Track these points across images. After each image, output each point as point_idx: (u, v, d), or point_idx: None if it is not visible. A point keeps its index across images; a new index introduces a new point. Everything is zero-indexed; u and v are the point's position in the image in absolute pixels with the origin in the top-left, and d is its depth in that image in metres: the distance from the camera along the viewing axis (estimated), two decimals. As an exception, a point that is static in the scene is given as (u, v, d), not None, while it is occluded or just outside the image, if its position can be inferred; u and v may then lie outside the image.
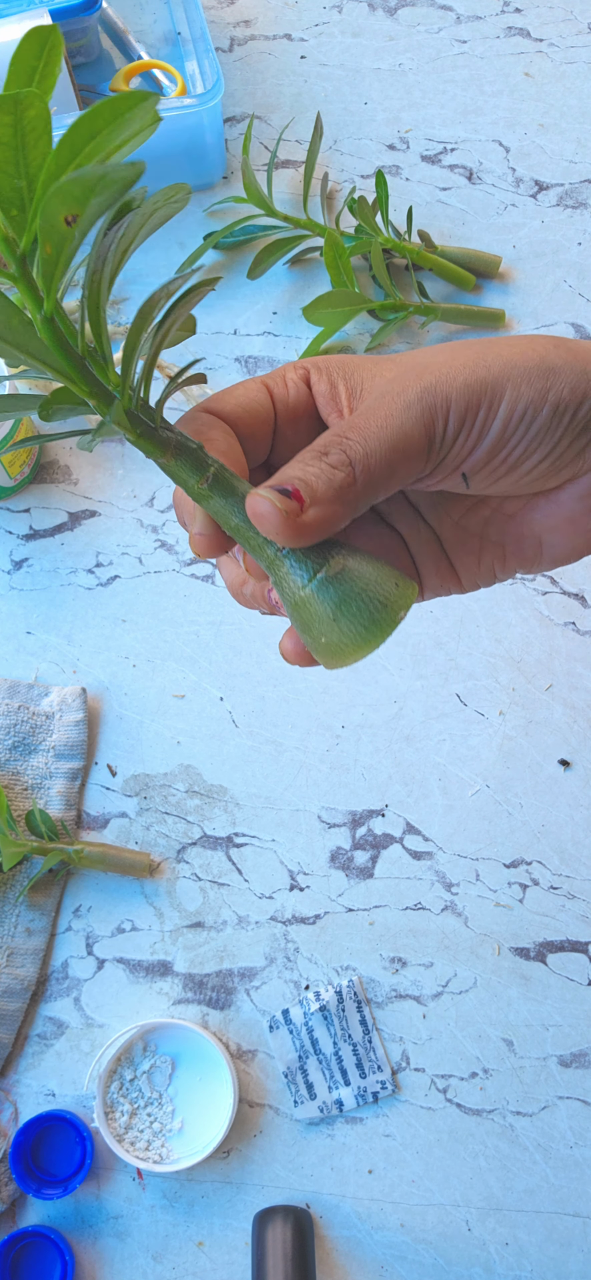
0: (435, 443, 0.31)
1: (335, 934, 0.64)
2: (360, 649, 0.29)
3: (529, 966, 0.63)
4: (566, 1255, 0.59)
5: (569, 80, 0.87)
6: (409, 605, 0.29)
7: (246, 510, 0.29)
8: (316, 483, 0.29)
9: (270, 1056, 0.62)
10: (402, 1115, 0.61)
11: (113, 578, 0.72)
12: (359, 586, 0.29)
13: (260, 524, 0.29)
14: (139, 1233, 0.60)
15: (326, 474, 0.29)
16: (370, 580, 0.29)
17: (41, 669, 0.70)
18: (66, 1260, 0.58)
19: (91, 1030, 0.63)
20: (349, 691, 0.68)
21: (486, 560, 0.37)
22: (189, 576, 0.71)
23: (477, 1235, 0.60)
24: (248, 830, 0.66)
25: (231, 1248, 0.60)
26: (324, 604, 0.29)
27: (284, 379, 0.34)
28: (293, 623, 0.30)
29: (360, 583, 0.29)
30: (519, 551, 0.37)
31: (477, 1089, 0.61)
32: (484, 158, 0.84)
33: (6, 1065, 0.62)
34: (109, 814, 0.66)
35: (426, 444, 0.31)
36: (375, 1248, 0.60)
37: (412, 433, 0.31)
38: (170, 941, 0.64)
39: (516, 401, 0.31)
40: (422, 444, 0.31)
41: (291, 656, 0.32)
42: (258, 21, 0.91)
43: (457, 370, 0.31)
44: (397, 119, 0.86)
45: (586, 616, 0.70)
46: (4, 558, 0.72)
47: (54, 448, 0.75)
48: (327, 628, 0.29)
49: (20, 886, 0.64)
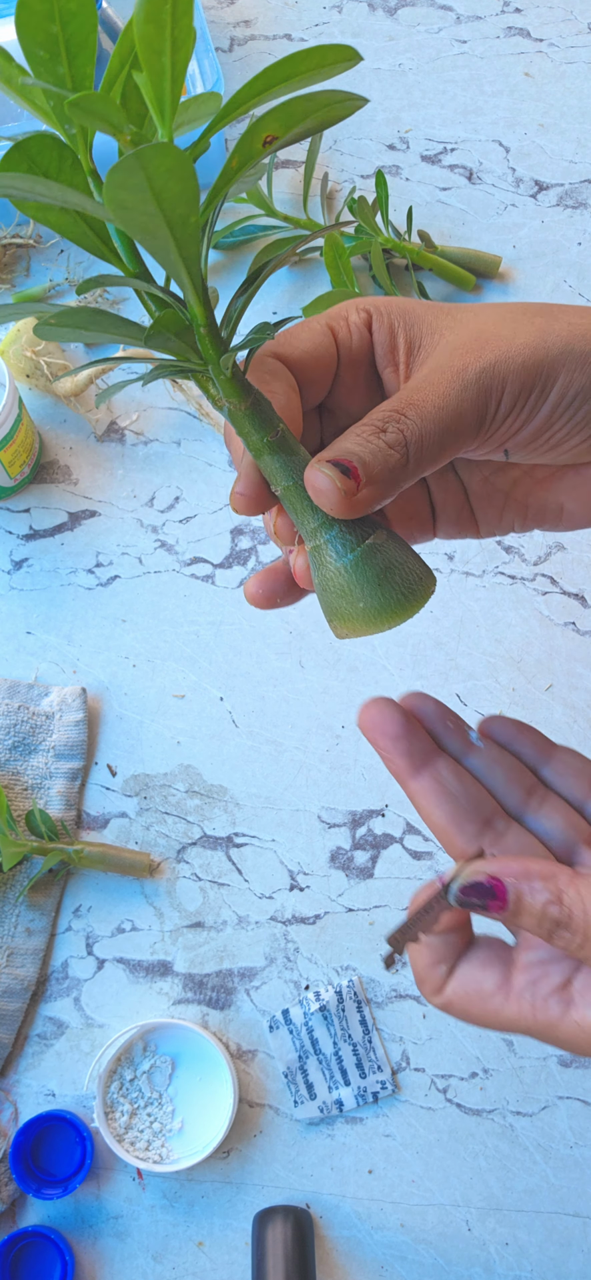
0: (486, 423, 0.32)
1: (335, 934, 0.64)
2: (398, 615, 0.31)
3: (529, 966, 0.63)
4: (566, 1255, 0.59)
5: (569, 80, 0.87)
6: (434, 587, 0.32)
7: (305, 481, 0.30)
8: (373, 462, 0.30)
9: (270, 1056, 0.62)
10: (402, 1115, 0.61)
11: (113, 578, 0.72)
12: (399, 560, 0.31)
13: (317, 496, 0.30)
14: (139, 1233, 0.60)
15: (382, 454, 0.30)
16: (406, 558, 0.32)
17: (41, 669, 0.70)
18: (66, 1260, 0.58)
19: (91, 1030, 0.63)
20: (349, 691, 0.68)
21: (508, 516, 0.39)
22: (189, 577, 0.71)
23: (477, 1235, 0.60)
24: (248, 830, 0.66)
25: (231, 1248, 0.60)
26: (366, 573, 0.31)
27: (347, 322, 0.35)
28: (323, 589, 0.32)
29: (399, 557, 0.31)
30: (540, 513, 0.38)
31: (477, 1089, 0.61)
32: (484, 158, 0.84)
33: (6, 1065, 0.62)
34: (109, 814, 0.66)
35: (478, 425, 0.32)
36: (375, 1248, 0.60)
37: (467, 415, 0.31)
38: (170, 941, 0.64)
39: (567, 388, 0.32)
40: (474, 425, 0.32)
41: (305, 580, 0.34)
42: (257, 21, 0.91)
43: (517, 350, 0.32)
44: (397, 119, 0.86)
45: (586, 616, 0.70)
46: (4, 558, 0.72)
47: (54, 448, 0.75)
48: (369, 594, 0.31)
49: (20, 886, 0.64)
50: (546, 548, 0.71)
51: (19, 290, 0.79)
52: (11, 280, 0.80)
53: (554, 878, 0.31)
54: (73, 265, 0.80)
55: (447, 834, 0.35)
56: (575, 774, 0.37)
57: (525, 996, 0.33)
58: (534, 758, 0.38)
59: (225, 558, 0.72)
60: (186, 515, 0.73)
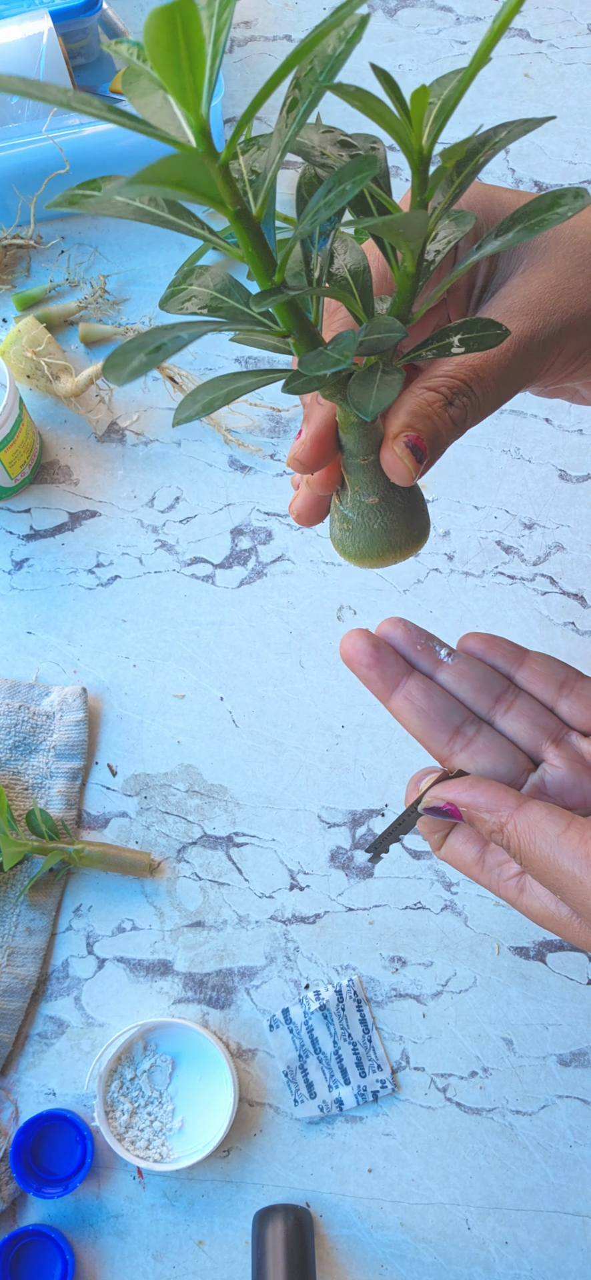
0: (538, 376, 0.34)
1: (335, 933, 0.64)
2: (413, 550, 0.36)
3: (528, 966, 0.63)
4: (566, 1254, 0.59)
5: (568, 81, 0.87)
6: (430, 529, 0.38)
7: (381, 460, 0.33)
8: (438, 434, 0.33)
9: (270, 1056, 0.62)
10: (402, 1114, 0.61)
11: (113, 578, 0.72)
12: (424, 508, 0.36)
13: (391, 473, 0.33)
14: (139, 1231, 0.60)
15: (447, 428, 0.33)
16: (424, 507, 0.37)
17: (42, 669, 0.70)
18: (67, 1259, 0.58)
19: (92, 1029, 0.63)
20: (349, 691, 0.68)
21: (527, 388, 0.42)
22: (189, 577, 0.72)
23: (477, 1234, 0.60)
24: (248, 830, 0.66)
25: (231, 1246, 0.60)
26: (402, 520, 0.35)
27: None
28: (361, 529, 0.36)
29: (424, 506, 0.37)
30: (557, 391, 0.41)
31: (477, 1088, 0.62)
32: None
33: (7, 1064, 0.62)
34: (109, 813, 0.67)
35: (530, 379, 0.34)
36: (375, 1246, 0.60)
37: (522, 376, 0.33)
38: (170, 941, 0.64)
39: None
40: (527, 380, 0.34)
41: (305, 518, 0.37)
42: (257, 23, 0.91)
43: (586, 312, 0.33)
44: (397, 120, 0.86)
45: (586, 616, 0.70)
46: (5, 558, 0.72)
47: (54, 448, 0.75)
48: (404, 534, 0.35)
49: (21, 886, 0.64)
50: (546, 548, 0.71)
51: (19, 291, 0.79)
52: (12, 281, 0.80)
53: (497, 810, 0.37)
54: (73, 266, 0.80)
55: (424, 742, 0.41)
56: (544, 678, 0.42)
57: (492, 873, 0.41)
58: (507, 667, 0.43)
59: (225, 558, 0.72)
60: (187, 515, 0.73)
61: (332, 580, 0.71)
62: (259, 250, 0.27)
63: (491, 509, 0.73)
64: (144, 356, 0.25)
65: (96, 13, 0.84)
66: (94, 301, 0.78)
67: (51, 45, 0.78)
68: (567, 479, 0.73)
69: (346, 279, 0.32)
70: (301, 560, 0.72)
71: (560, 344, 0.33)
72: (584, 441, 0.74)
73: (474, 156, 0.29)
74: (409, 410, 0.32)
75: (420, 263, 0.29)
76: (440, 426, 0.32)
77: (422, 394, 0.33)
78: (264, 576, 0.71)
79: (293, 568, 0.72)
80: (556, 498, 0.73)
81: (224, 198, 0.25)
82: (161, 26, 0.20)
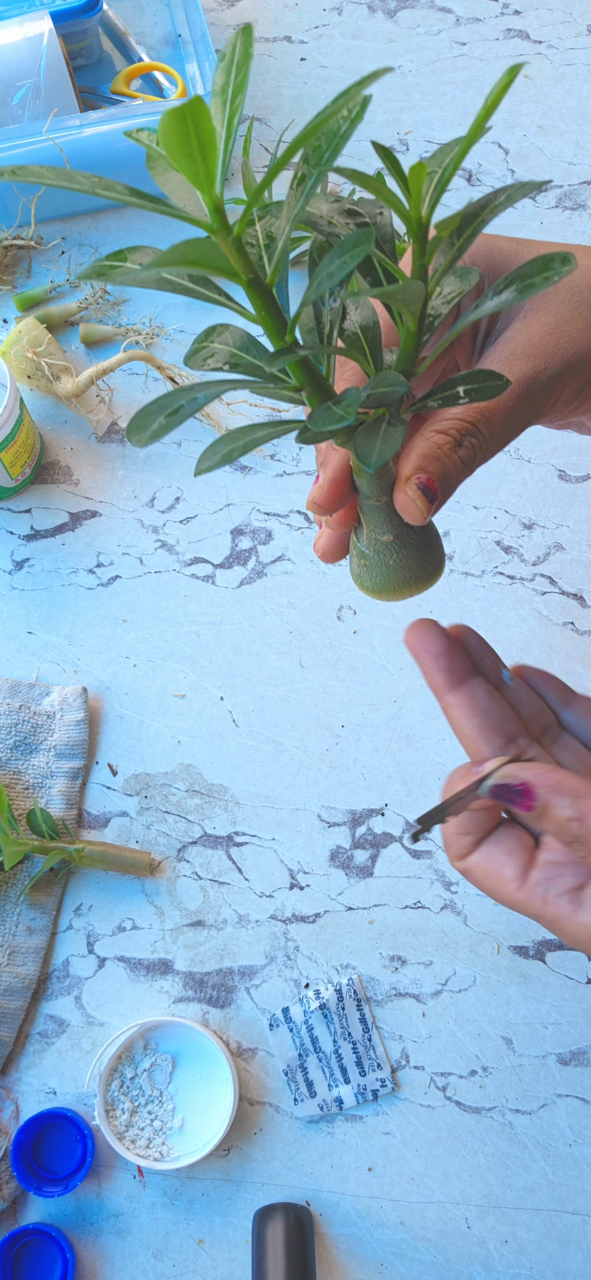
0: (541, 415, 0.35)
1: (335, 932, 0.64)
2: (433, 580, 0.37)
3: (528, 965, 0.63)
4: (565, 1253, 0.59)
5: (567, 82, 0.88)
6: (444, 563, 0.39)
7: (394, 500, 0.35)
8: (448, 476, 0.34)
9: (270, 1054, 0.62)
10: (402, 1113, 0.61)
11: (113, 578, 0.72)
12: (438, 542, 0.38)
13: (404, 513, 0.34)
14: (139, 1230, 0.60)
15: (456, 469, 0.34)
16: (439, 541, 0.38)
17: (42, 669, 0.70)
18: (67, 1258, 0.58)
19: (92, 1028, 0.63)
20: (349, 691, 0.69)
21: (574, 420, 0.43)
22: (189, 577, 0.72)
23: (477, 1233, 0.60)
24: (248, 829, 0.66)
25: (232, 1245, 0.60)
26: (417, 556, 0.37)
27: None
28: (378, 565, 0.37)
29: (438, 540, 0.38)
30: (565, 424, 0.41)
31: (477, 1087, 0.62)
32: (483, 159, 0.84)
33: (8, 1063, 0.63)
34: (110, 813, 0.67)
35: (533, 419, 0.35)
36: (375, 1245, 0.60)
37: (527, 416, 0.35)
38: (171, 940, 0.64)
39: None
40: (531, 421, 0.35)
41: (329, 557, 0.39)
42: (258, 23, 0.91)
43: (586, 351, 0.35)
44: (397, 120, 0.86)
45: (585, 616, 0.70)
46: (5, 558, 0.73)
47: (55, 448, 0.75)
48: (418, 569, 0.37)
49: (21, 885, 0.64)
50: (545, 548, 0.72)
51: (20, 292, 0.79)
52: (12, 281, 0.80)
53: (582, 797, 0.35)
54: (73, 266, 0.81)
55: (476, 744, 0.39)
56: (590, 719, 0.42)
57: (538, 889, 0.38)
58: (556, 702, 0.42)
59: (225, 558, 0.72)
60: (187, 516, 0.73)
61: (332, 580, 0.71)
62: (271, 314, 0.29)
63: (491, 509, 0.73)
64: (163, 419, 0.28)
65: (97, 13, 0.85)
66: (94, 302, 0.78)
67: (52, 46, 0.78)
68: (567, 479, 0.73)
69: (357, 334, 0.34)
70: (301, 560, 0.72)
71: (561, 383, 0.34)
72: (583, 442, 0.75)
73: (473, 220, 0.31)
74: (420, 453, 0.34)
75: (422, 321, 0.31)
76: (450, 467, 0.34)
77: (433, 437, 0.34)
78: (264, 576, 0.71)
79: (293, 568, 0.72)
80: (556, 498, 0.73)
81: (237, 269, 0.27)
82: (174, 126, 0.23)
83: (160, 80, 0.87)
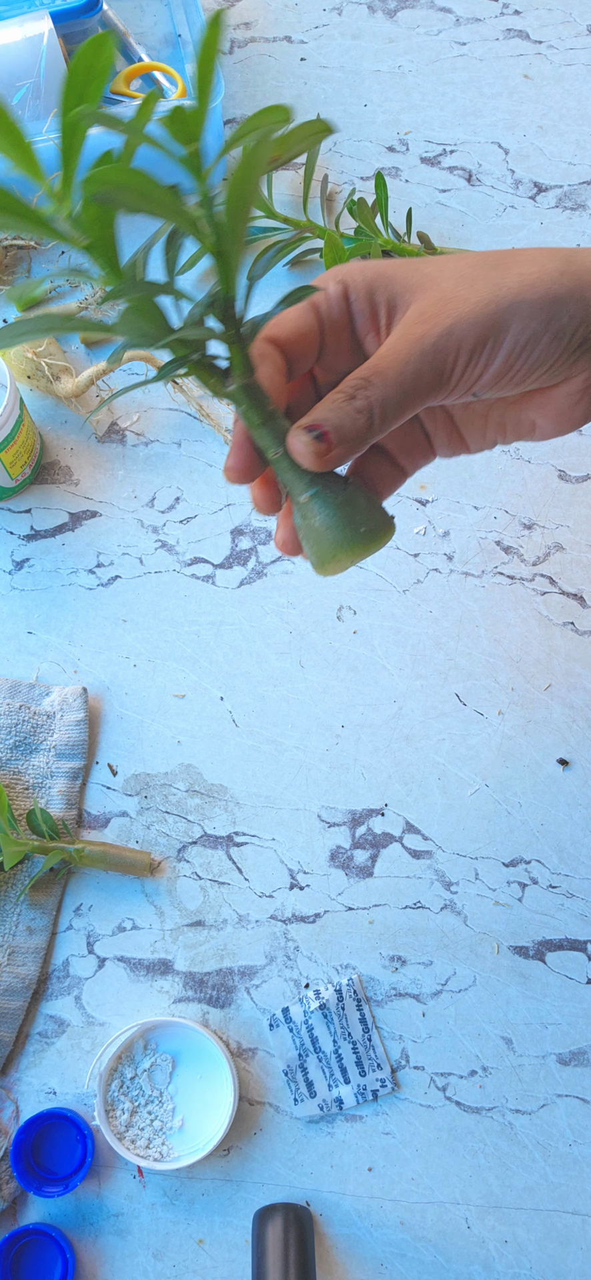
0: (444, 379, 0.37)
1: (335, 933, 0.64)
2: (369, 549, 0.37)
3: (528, 965, 0.63)
4: (565, 1253, 0.59)
5: (567, 82, 0.88)
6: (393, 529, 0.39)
7: (287, 445, 0.36)
8: (342, 424, 0.35)
9: (270, 1055, 0.62)
10: (402, 1113, 0.61)
11: (113, 578, 0.72)
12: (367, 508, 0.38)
13: (297, 457, 0.36)
14: (139, 1230, 0.60)
15: (351, 418, 0.36)
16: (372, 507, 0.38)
17: (42, 669, 0.70)
18: (67, 1258, 0.58)
19: (92, 1028, 0.63)
20: (349, 691, 0.69)
21: (490, 434, 0.44)
22: (189, 577, 0.72)
23: (477, 1233, 0.60)
24: (248, 829, 0.66)
25: (232, 1245, 0.60)
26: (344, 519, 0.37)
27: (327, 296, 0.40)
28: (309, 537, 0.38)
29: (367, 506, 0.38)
30: (517, 429, 0.43)
31: (477, 1087, 0.62)
32: (483, 159, 0.84)
33: (8, 1063, 0.63)
34: (110, 813, 0.67)
35: (438, 383, 0.37)
36: (375, 1245, 0.60)
37: (425, 376, 0.36)
38: (171, 940, 0.64)
39: (519, 336, 0.37)
40: (434, 384, 0.37)
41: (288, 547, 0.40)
42: (258, 24, 0.91)
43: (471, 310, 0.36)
44: (397, 121, 0.86)
45: (585, 616, 0.70)
46: (5, 558, 0.73)
47: (55, 448, 0.75)
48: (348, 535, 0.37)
49: (21, 885, 0.64)
50: (545, 548, 0.72)
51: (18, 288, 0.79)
52: (12, 282, 0.80)
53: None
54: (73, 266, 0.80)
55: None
56: None
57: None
58: None
59: (225, 558, 0.72)
60: (187, 516, 0.73)
61: (332, 580, 0.71)
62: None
63: (491, 509, 0.73)
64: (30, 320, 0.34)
65: (97, 13, 0.85)
66: (94, 302, 0.78)
67: (52, 46, 0.78)
68: (567, 479, 0.74)
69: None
70: (301, 560, 0.72)
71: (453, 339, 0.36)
72: (583, 442, 0.75)
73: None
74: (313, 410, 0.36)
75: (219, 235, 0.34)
76: (343, 417, 0.35)
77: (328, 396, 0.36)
78: (264, 576, 0.71)
79: (292, 568, 0.72)
80: (556, 498, 0.73)
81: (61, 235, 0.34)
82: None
83: (160, 80, 0.87)
